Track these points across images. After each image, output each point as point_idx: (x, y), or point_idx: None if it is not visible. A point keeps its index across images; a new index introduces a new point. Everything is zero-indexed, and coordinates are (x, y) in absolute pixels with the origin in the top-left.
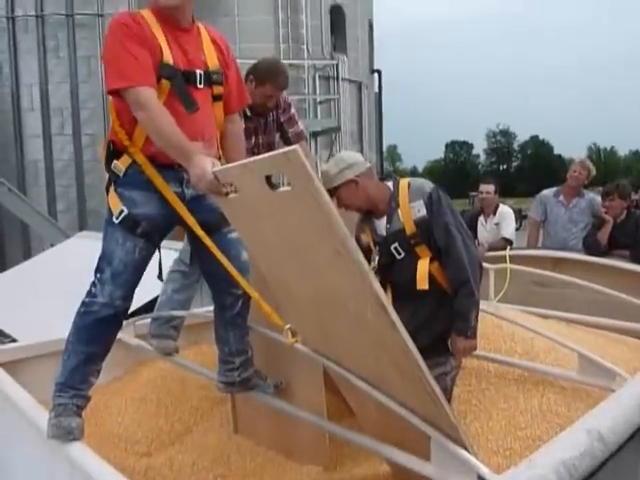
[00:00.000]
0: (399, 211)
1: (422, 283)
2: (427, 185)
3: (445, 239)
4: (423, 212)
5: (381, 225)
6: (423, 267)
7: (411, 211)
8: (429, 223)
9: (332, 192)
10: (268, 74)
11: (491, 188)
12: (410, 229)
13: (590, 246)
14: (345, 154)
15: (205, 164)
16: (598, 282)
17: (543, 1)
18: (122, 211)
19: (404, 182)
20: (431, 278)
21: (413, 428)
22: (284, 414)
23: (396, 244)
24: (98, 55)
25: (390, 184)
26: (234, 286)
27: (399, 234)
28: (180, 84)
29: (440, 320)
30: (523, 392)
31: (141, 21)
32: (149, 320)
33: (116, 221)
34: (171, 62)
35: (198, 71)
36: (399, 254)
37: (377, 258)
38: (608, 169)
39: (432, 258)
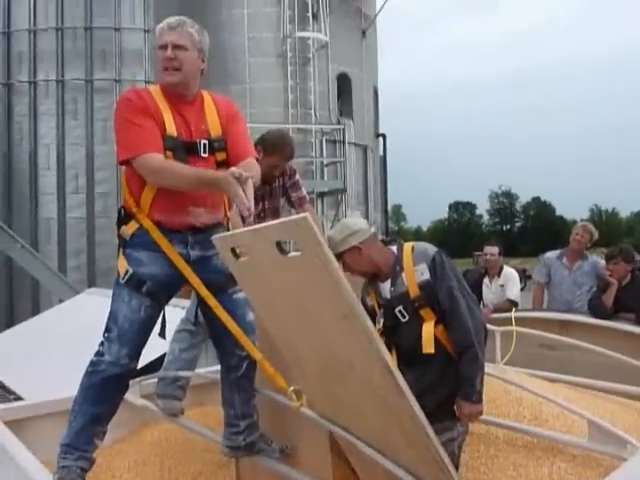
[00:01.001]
0: (403, 274)
1: (428, 347)
2: (430, 249)
3: (449, 303)
4: (427, 275)
5: (385, 288)
6: (428, 330)
7: (415, 274)
8: (433, 286)
9: (337, 257)
10: (275, 146)
11: (495, 250)
12: (414, 292)
13: (595, 309)
14: (350, 221)
15: (225, 174)
16: (605, 345)
17: (542, 73)
18: (127, 271)
19: (408, 246)
20: (436, 341)
21: None
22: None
23: (400, 307)
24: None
25: (394, 248)
26: (239, 347)
27: (403, 297)
28: (180, 155)
29: (446, 384)
30: (533, 460)
31: (145, 96)
32: (155, 380)
33: (122, 281)
34: (174, 134)
35: (202, 141)
36: (403, 317)
37: (382, 321)
38: (610, 230)
39: (437, 321)
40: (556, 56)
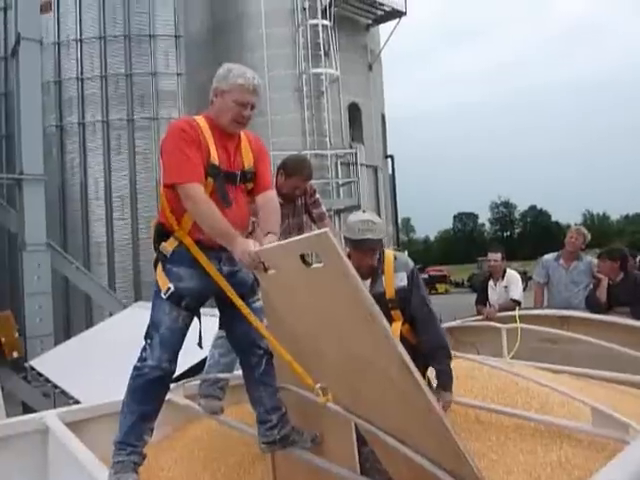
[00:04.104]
0: (383, 277)
1: None
2: (410, 262)
3: (424, 310)
4: (405, 283)
5: (365, 286)
6: (395, 329)
7: (394, 279)
8: (408, 293)
9: (378, 242)
10: (295, 169)
11: (498, 256)
12: (390, 294)
13: (591, 305)
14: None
15: (247, 245)
16: (602, 338)
17: (533, 96)
18: (169, 288)
19: (390, 254)
20: (403, 338)
21: None
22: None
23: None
24: (153, 152)
25: None
26: (257, 347)
27: (380, 297)
28: (221, 183)
29: None
30: (541, 445)
31: (195, 126)
32: (197, 382)
33: (164, 296)
34: (217, 163)
35: (238, 172)
36: None
37: None
38: (602, 233)
39: (403, 321)
40: (543, 80)
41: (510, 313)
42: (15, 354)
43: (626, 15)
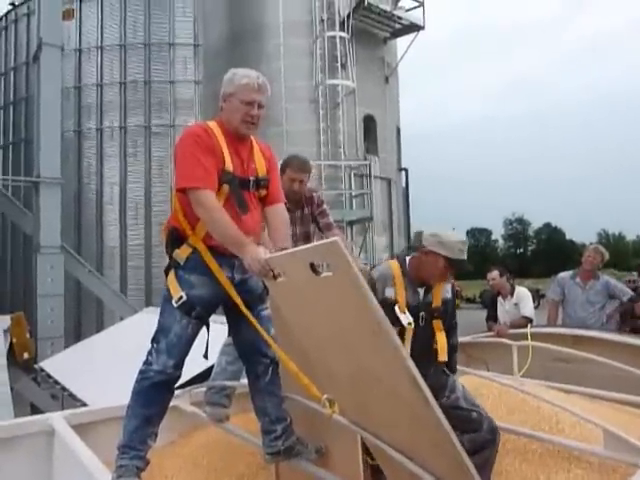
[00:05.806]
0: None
1: (443, 355)
2: None
3: (455, 319)
4: (450, 294)
5: (419, 294)
6: (442, 340)
7: (442, 290)
8: (450, 304)
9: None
10: (287, 163)
11: (495, 274)
12: (437, 303)
13: (624, 313)
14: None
15: (257, 252)
16: (616, 359)
17: (546, 112)
18: (181, 297)
19: None
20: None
21: None
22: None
23: (423, 312)
24: (169, 159)
25: None
26: (264, 355)
27: (428, 306)
28: (236, 189)
29: (434, 379)
30: (550, 467)
31: (210, 132)
32: (203, 389)
33: (175, 305)
34: (231, 169)
35: (251, 178)
36: (422, 322)
37: (412, 319)
38: (618, 253)
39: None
40: (560, 97)
41: (522, 330)
42: (26, 355)
43: None
